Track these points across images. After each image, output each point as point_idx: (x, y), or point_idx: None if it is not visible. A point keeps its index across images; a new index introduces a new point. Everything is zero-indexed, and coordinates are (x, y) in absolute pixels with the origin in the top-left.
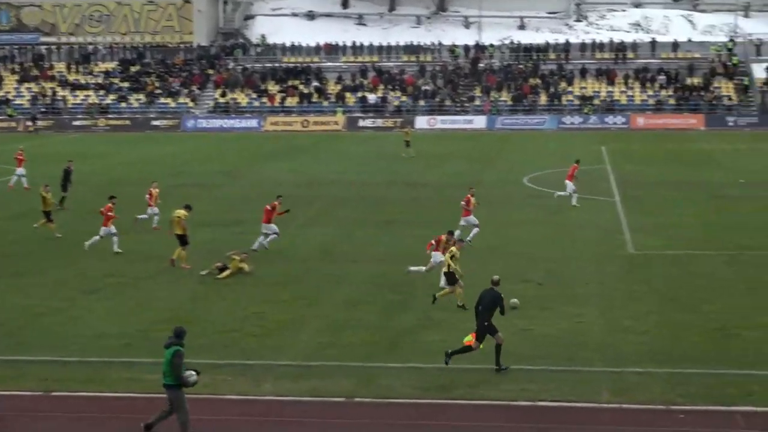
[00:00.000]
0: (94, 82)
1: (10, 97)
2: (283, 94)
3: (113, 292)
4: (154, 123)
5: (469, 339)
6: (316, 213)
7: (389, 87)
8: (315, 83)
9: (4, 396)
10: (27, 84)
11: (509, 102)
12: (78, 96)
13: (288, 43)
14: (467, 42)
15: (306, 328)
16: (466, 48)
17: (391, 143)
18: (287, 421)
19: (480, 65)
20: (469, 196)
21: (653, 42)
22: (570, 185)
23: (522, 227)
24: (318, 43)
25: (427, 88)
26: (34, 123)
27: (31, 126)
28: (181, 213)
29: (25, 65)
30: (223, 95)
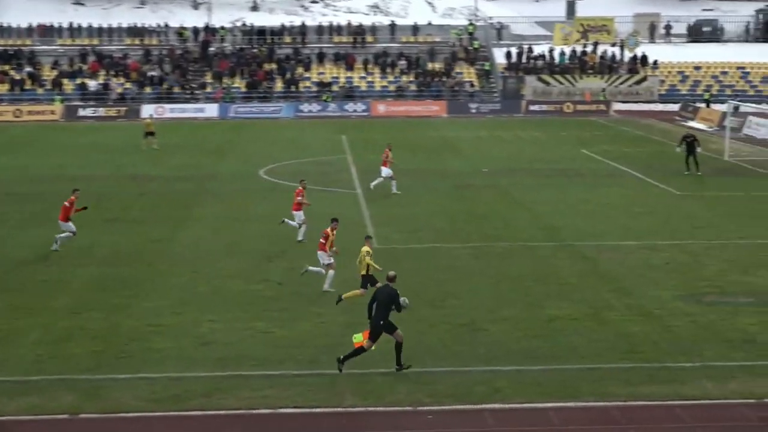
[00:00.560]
0: None
1: None
2: None
3: None
4: None
5: (359, 339)
6: (31, 212)
7: (111, 73)
8: (28, 68)
9: None
10: None
11: (243, 89)
12: None
13: None
14: (196, 24)
15: (23, 340)
16: (195, 30)
17: (119, 134)
18: None
19: (210, 49)
20: (301, 188)
21: (392, 25)
22: (386, 171)
23: (260, 223)
24: (30, 24)
25: (154, 74)
26: None
27: None
28: None
29: None
30: None
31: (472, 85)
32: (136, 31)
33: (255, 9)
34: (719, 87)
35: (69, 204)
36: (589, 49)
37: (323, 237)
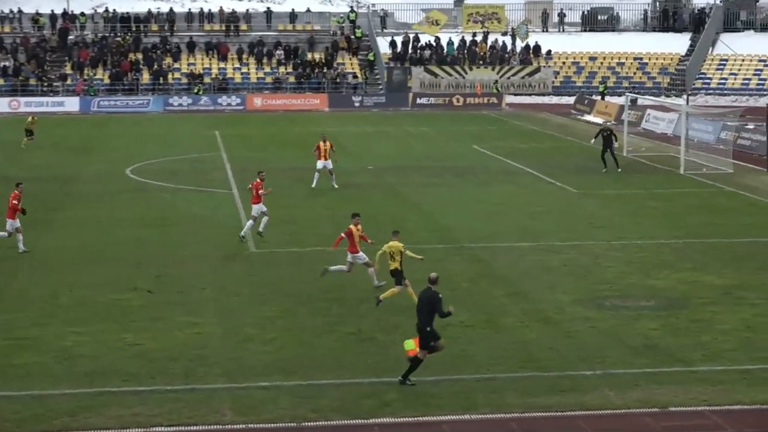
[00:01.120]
0: None
1: None
2: None
3: None
4: None
5: (412, 347)
6: None
7: None
8: None
9: None
10: None
11: (106, 81)
12: None
13: None
14: (53, 9)
15: None
16: (52, 17)
17: None
18: None
19: (70, 38)
20: (259, 181)
21: (268, 12)
22: (320, 163)
23: (128, 227)
24: None
25: (7, 64)
26: None
27: None
28: None
29: None
30: None
31: (355, 77)
32: None
33: None
34: (616, 79)
35: (17, 200)
36: (479, 39)
37: (348, 237)
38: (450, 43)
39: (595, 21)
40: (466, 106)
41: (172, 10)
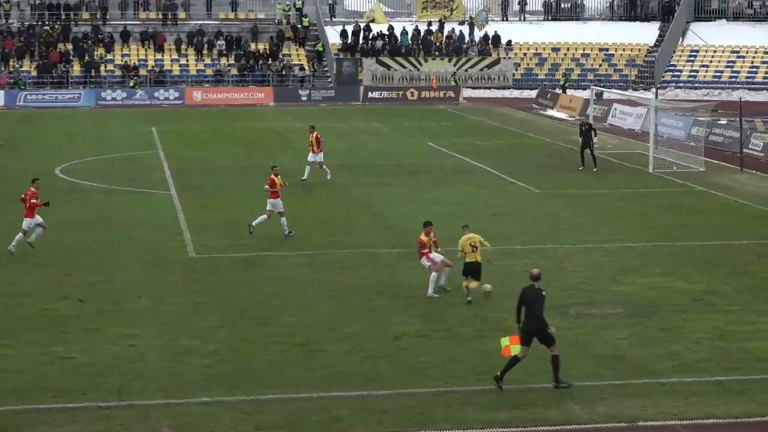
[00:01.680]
0: None
1: None
2: None
3: None
4: None
5: (508, 344)
6: None
7: None
8: None
9: None
10: None
11: (33, 73)
12: None
13: None
14: None
15: None
16: None
17: None
18: None
19: None
20: (273, 176)
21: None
22: (311, 156)
23: (58, 230)
24: None
25: None
26: None
27: None
28: None
29: None
30: None
31: (302, 69)
32: None
33: None
34: (580, 71)
35: (30, 198)
36: (435, 28)
37: (420, 245)
38: (404, 33)
39: (559, 10)
40: (421, 100)
41: None
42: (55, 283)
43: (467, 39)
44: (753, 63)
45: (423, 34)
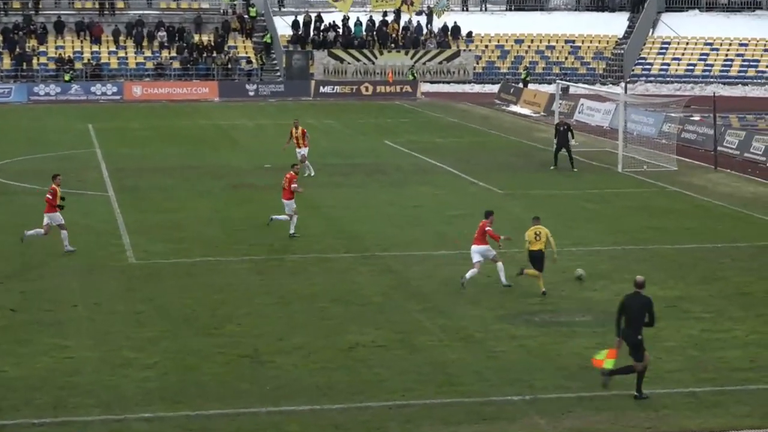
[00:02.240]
0: None
1: None
2: None
3: None
4: None
5: (610, 363)
6: None
7: None
8: None
9: None
10: None
11: None
12: None
13: None
14: None
15: None
16: None
17: None
18: None
19: None
20: (293, 173)
21: None
22: (303, 151)
23: None
24: None
25: None
26: None
27: None
28: None
29: None
30: None
31: (249, 62)
32: None
33: None
34: (545, 64)
35: (52, 195)
36: (391, 19)
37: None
38: (358, 24)
39: None
40: (376, 95)
41: None
42: None
43: (425, 30)
44: (727, 56)
45: (378, 24)
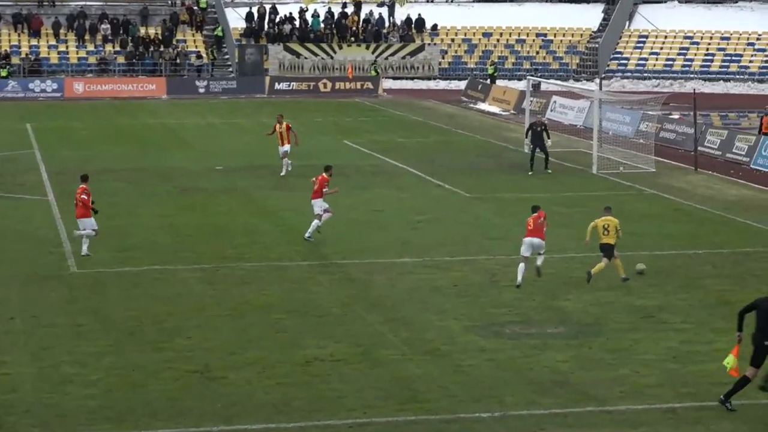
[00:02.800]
0: None
1: None
2: None
3: None
4: None
5: (733, 365)
6: None
7: None
8: None
9: None
10: None
11: None
12: None
13: None
14: None
15: None
16: None
17: None
18: None
19: None
20: (325, 176)
21: None
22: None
23: None
24: None
25: None
26: None
27: None
28: None
29: None
30: None
31: (199, 57)
32: None
33: None
34: (515, 59)
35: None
36: (350, 10)
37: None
38: (315, 16)
39: None
40: (335, 92)
41: None
42: None
43: (387, 23)
44: (708, 50)
45: (337, 17)
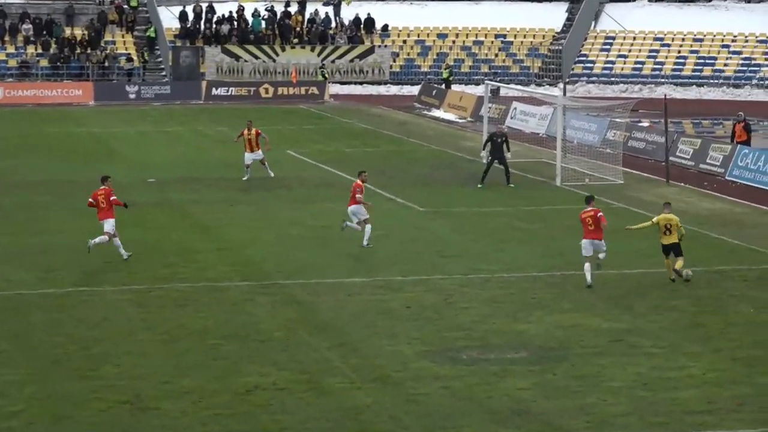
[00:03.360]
0: None
1: None
2: None
3: None
4: None
5: None
6: None
7: None
8: None
9: None
10: None
11: None
12: None
13: None
14: None
15: None
16: None
17: None
18: None
19: None
20: (359, 182)
21: None
22: (256, 155)
23: None
24: None
25: None
26: None
27: None
28: None
29: None
30: None
31: (129, 60)
32: None
33: None
34: (472, 62)
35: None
36: (294, 9)
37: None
38: (256, 16)
39: None
40: (277, 98)
41: None
42: None
43: (334, 23)
44: (680, 53)
45: (280, 16)
